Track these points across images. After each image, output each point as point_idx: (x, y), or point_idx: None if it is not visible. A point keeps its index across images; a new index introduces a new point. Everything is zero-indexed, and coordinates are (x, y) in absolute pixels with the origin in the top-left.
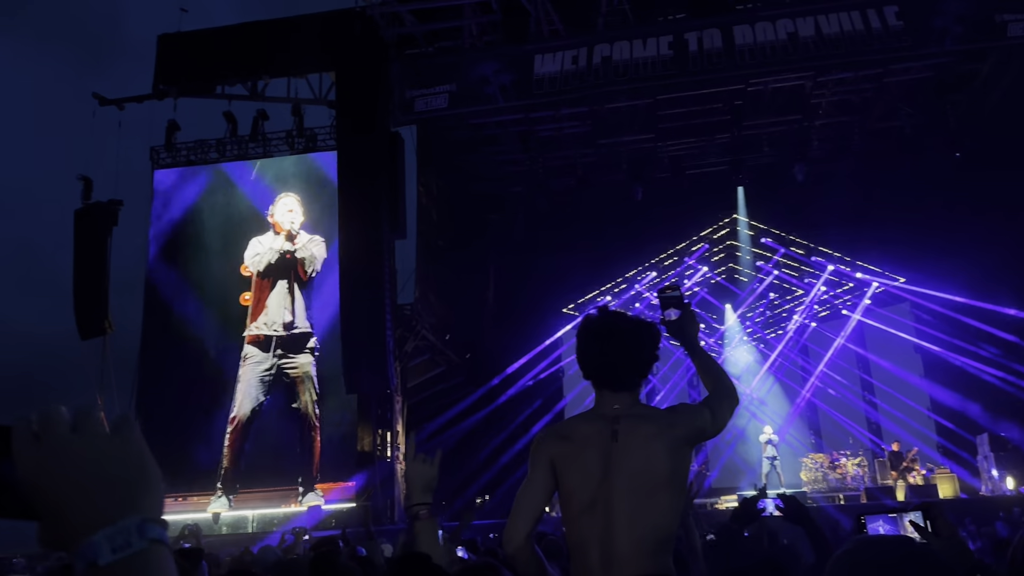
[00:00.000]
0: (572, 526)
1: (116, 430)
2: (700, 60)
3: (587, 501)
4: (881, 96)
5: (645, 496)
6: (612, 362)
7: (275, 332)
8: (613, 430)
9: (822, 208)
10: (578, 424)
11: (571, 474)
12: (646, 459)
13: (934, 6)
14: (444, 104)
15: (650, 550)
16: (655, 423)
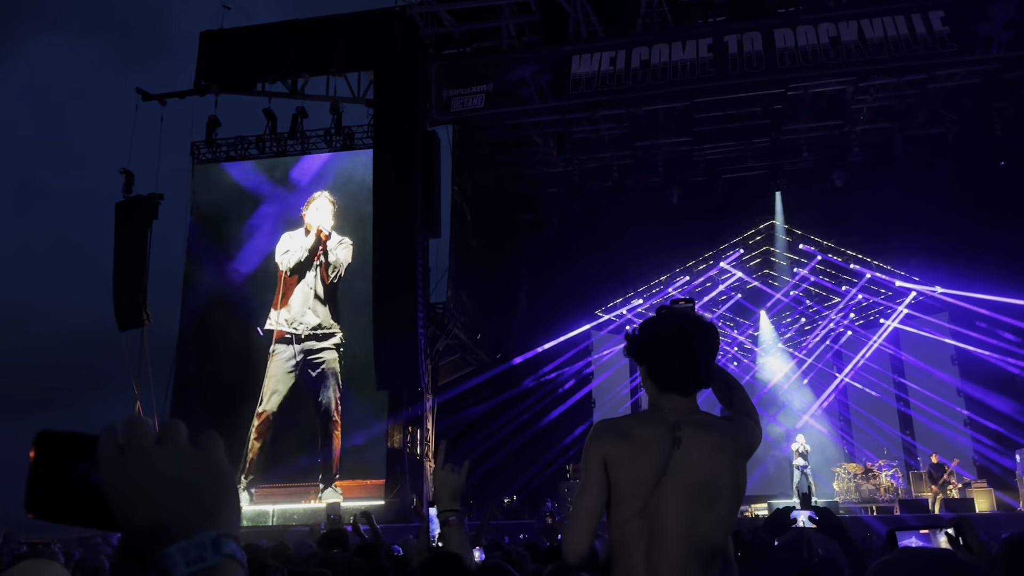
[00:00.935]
0: (618, 531)
1: (199, 445)
2: (739, 63)
3: (638, 507)
4: (924, 102)
5: (703, 508)
6: (695, 364)
7: (297, 330)
8: (676, 436)
9: (861, 215)
10: (637, 425)
11: (625, 477)
12: (710, 470)
13: (981, 12)
14: (481, 104)
15: (701, 562)
16: (720, 433)
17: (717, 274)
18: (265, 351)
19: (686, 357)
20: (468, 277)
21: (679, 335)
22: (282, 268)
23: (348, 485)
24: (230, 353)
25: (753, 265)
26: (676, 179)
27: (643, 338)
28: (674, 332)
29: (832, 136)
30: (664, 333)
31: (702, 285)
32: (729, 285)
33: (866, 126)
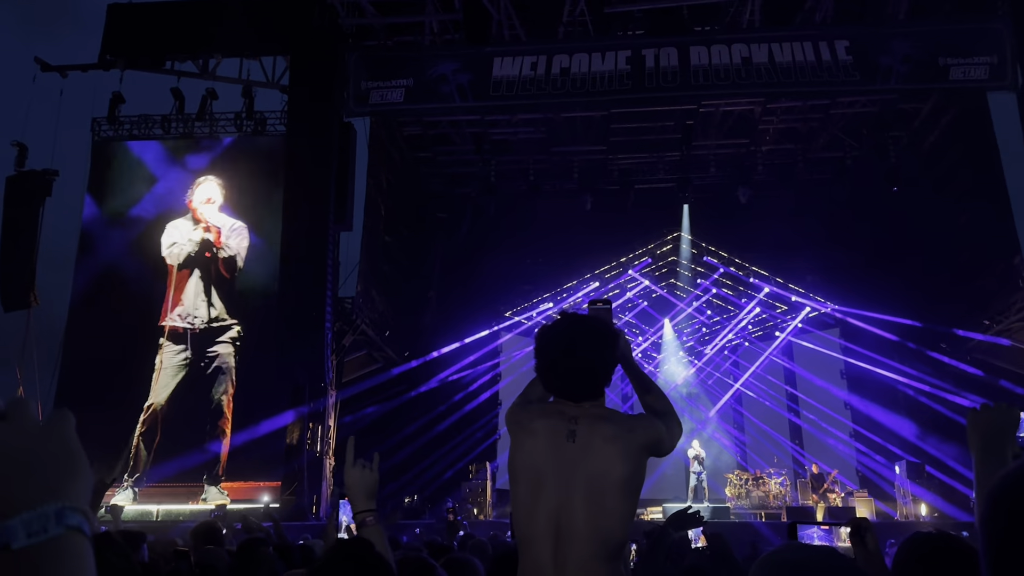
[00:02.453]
0: (521, 525)
1: (48, 422)
2: (656, 78)
3: (538, 500)
4: (826, 127)
5: (600, 500)
6: (573, 378)
7: (191, 324)
8: (571, 430)
9: (763, 231)
10: (537, 417)
11: (522, 471)
12: (603, 462)
13: (882, 45)
14: (400, 99)
15: (604, 555)
16: (615, 425)
17: (626, 281)
18: (157, 341)
19: (558, 372)
20: (379, 273)
21: (548, 347)
22: (170, 262)
23: (239, 487)
24: (122, 341)
25: (660, 274)
26: (590, 186)
27: (536, 345)
28: (545, 345)
29: (739, 154)
30: (539, 345)
31: (611, 291)
32: (637, 292)
33: (771, 146)
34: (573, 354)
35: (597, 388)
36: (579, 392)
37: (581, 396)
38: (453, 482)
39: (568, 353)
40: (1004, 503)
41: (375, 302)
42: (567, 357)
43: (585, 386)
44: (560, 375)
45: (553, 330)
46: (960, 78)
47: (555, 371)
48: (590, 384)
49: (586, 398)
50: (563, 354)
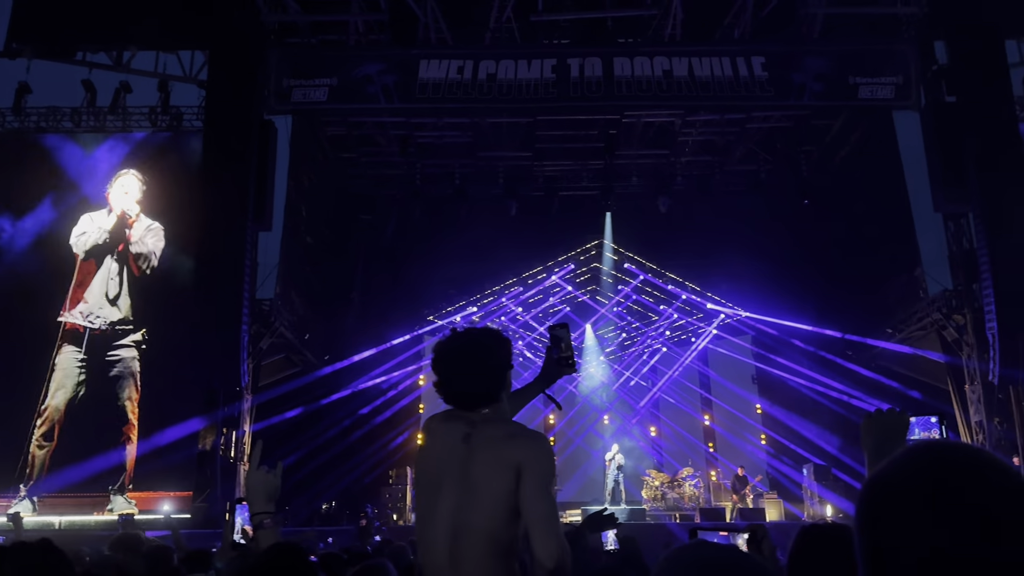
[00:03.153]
0: (421, 526)
1: None
2: (580, 87)
3: (436, 500)
4: (742, 140)
5: (489, 500)
6: (462, 389)
7: (92, 324)
8: (467, 433)
9: (681, 240)
10: (441, 422)
11: (423, 472)
12: (488, 464)
13: (796, 62)
14: (323, 98)
15: (497, 552)
16: (500, 429)
17: (549, 286)
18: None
19: (449, 383)
20: (299, 274)
21: (439, 363)
22: (76, 251)
23: (147, 496)
24: (19, 340)
25: (582, 280)
26: (516, 192)
27: (432, 360)
28: (436, 360)
29: (659, 164)
30: (432, 361)
31: (534, 296)
32: (560, 298)
33: (690, 158)
34: (464, 367)
35: (488, 396)
36: (472, 401)
37: (475, 405)
38: (373, 488)
39: (460, 366)
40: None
41: (294, 304)
42: (460, 370)
43: (476, 396)
44: (454, 387)
45: (445, 345)
46: (868, 97)
47: (449, 384)
48: (480, 394)
49: (480, 405)
50: (456, 367)
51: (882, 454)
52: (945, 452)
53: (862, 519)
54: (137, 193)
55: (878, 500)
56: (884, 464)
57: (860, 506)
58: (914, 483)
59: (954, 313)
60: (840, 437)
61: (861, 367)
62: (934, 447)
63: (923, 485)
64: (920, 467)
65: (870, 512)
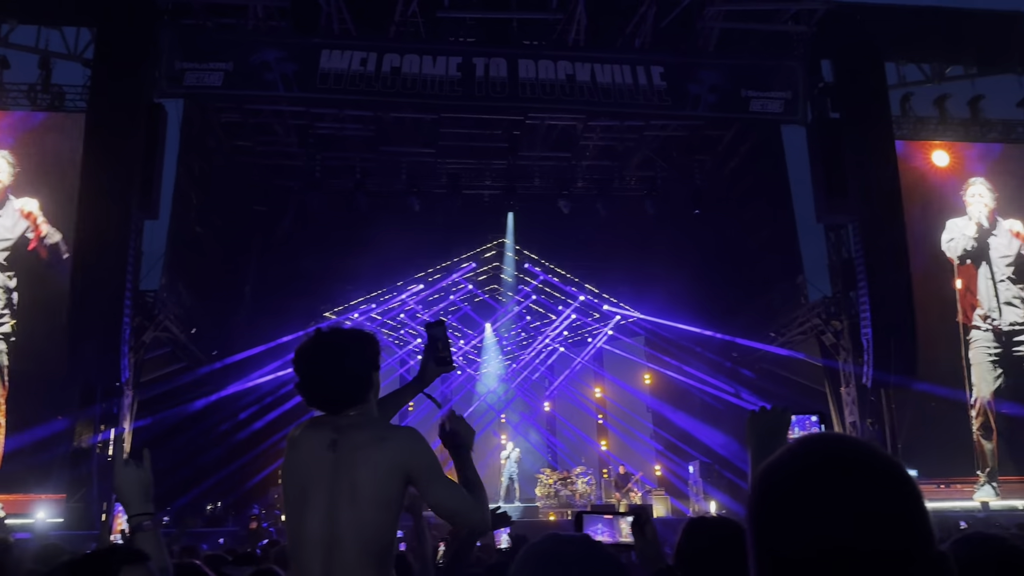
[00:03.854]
0: (291, 536)
1: None
2: (485, 86)
3: (305, 512)
4: (640, 147)
5: (360, 508)
6: (326, 390)
7: None
8: (333, 440)
9: (580, 242)
10: (304, 430)
11: (290, 484)
12: (358, 471)
13: (693, 74)
14: (218, 83)
15: (370, 562)
16: (368, 433)
17: (450, 285)
18: None
19: (311, 386)
20: (187, 266)
21: (300, 365)
22: None
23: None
24: None
25: (483, 279)
26: (418, 188)
27: (293, 361)
28: (297, 363)
29: (561, 167)
30: (293, 363)
31: (435, 294)
32: (460, 296)
33: (591, 161)
34: (327, 369)
35: (351, 397)
36: (336, 404)
37: (338, 406)
38: (261, 487)
39: (320, 367)
40: (764, 483)
41: (181, 296)
42: (319, 371)
43: (338, 397)
44: (315, 389)
45: (306, 347)
46: (759, 110)
47: (312, 386)
48: (343, 395)
49: (344, 407)
50: (316, 368)
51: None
52: (832, 445)
53: (753, 509)
54: (5, 177)
55: (768, 490)
56: (776, 455)
57: (751, 496)
58: (802, 474)
59: (832, 319)
60: (725, 435)
61: (746, 369)
62: (823, 440)
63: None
64: (809, 458)
65: (760, 502)
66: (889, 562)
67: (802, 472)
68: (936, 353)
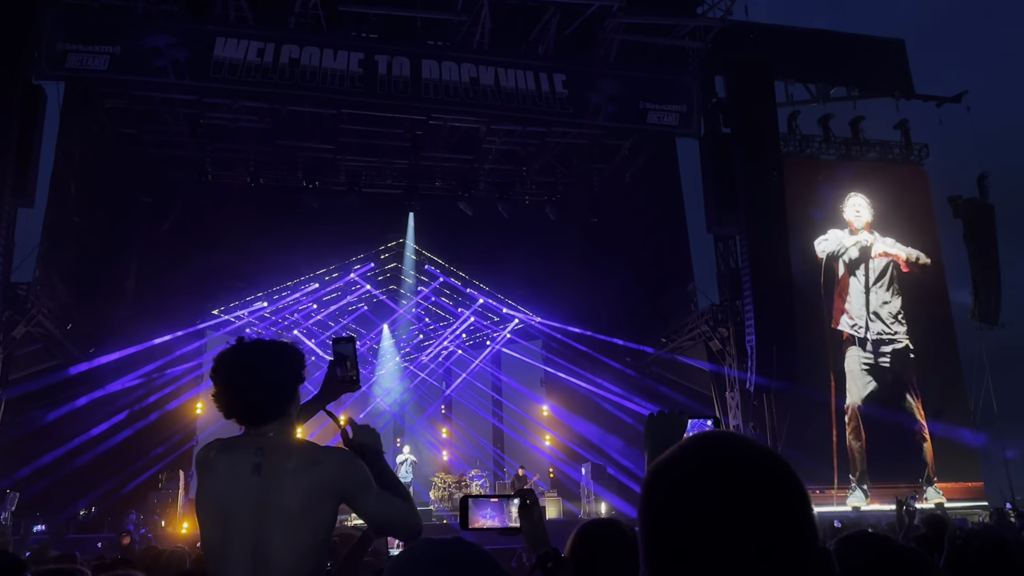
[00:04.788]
0: (213, 565)
1: None
2: (387, 85)
3: (229, 538)
4: (541, 152)
5: (289, 534)
6: (249, 400)
7: None
8: (256, 463)
9: (481, 245)
10: (222, 451)
11: (208, 511)
12: (286, 496)
13: (593, 83)
14: (103, 67)
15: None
16: (300, 457)
17: (347, 284)
18: None
19: (233, 397)
20: (63, 258)
21: (221, 376)
22: None
23: None
24: None
25: (382, 279)
26: (316, 184)
27: (212, 371)
28: (218, 374)
29: (464, 169)
30: (213, 375)
31: (331, 294)
32: (358, 296)
33: (493, 165)
34: (248, 377)
35: (273, 410)
36: (256, 415)
37: (258, 419)
38: (140, 492)
39: (242, 376)
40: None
41: (56, 290)
42: (241, 380)
43: (260, 409)
44: (235, 399)
45: (227, 355)
46: (656, 122)
47: (229, 396)
48: (265, 406)
49: (264, 420)
50: (237, 377)
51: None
52: (722, 442)
53: (645, 506)
54: None
55: (660, 487)
56: (668, 452)
57: (643, 494)
58: (693, 472)
59: (719, 326)
60: (617, 438)
61: (638, 373)
62: (713, 437)
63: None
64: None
65: (652, 499)
66: (777, 557)
67: (693, 470)
68: (814, 360)
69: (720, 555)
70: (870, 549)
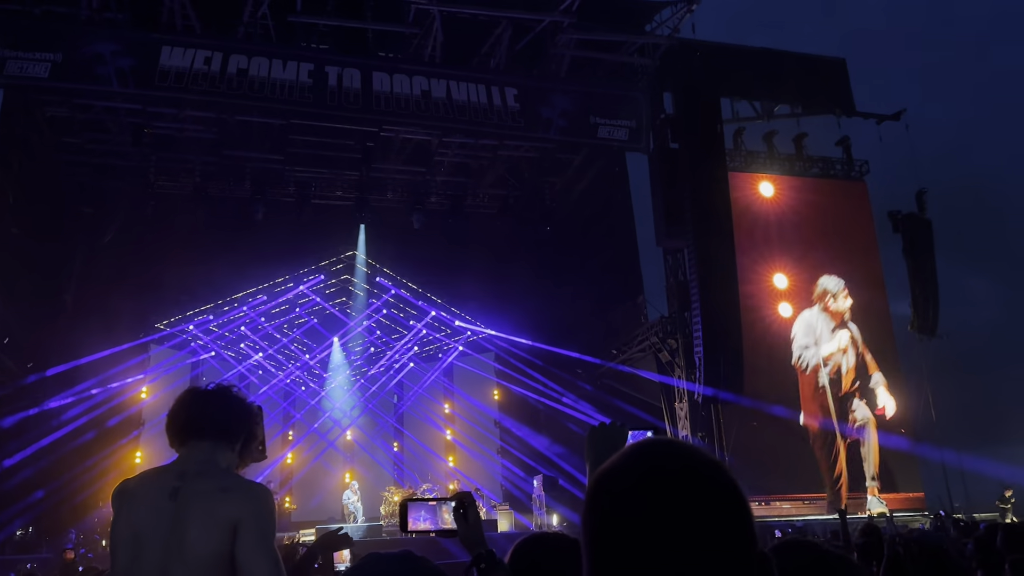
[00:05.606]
0: None
1: None
2: (338, 96)
3: (139, 567)
4: (494, 165)
5: (196, 566)
6: (191, 413)
7: None
8: (175, 488)
9: (433, 257)
10: (141, 481)
11: (119, 540)
12: (194, 521)
13: (545, 98)
14: (44, 74)
15: None
16: (214, 481)
17: (296, 297)
18: None
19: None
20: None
21: (181, 401)
22: None
23: None
24: None
25: (332, 292)
26: (264, 195)
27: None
28: (199, 393)
29: (416, 181)
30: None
31: (280, 306)
32: (307, 309)
33: (445, 177)
34: (212, 403)
35: (222, 426)
36: (195, 427)
37: (198, 431)
38: (80, 510)
39: (205, 394)
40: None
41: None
42: (204, 396)
43: (200, 421)
44: (180, 413)
45: (197, 389)
46: (606, 136)
47: (174, 414)
48: (206, 420)
49: (204, 434)
50: (200, 395)
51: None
52: (662, 451)
53: (586, 515)
54: None
55: (602, 497)
56: (610, 461)
57: (586, 503)
58: (635, 481)
59: (668, 337)
60: (568, 449)
61: (589, 384)
62: (654, 445)
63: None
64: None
65: (594, 508)
66: (717, 562)
67: (635, 483)
68: (760, 371)
69: (664, 566)
70: (799, 554)
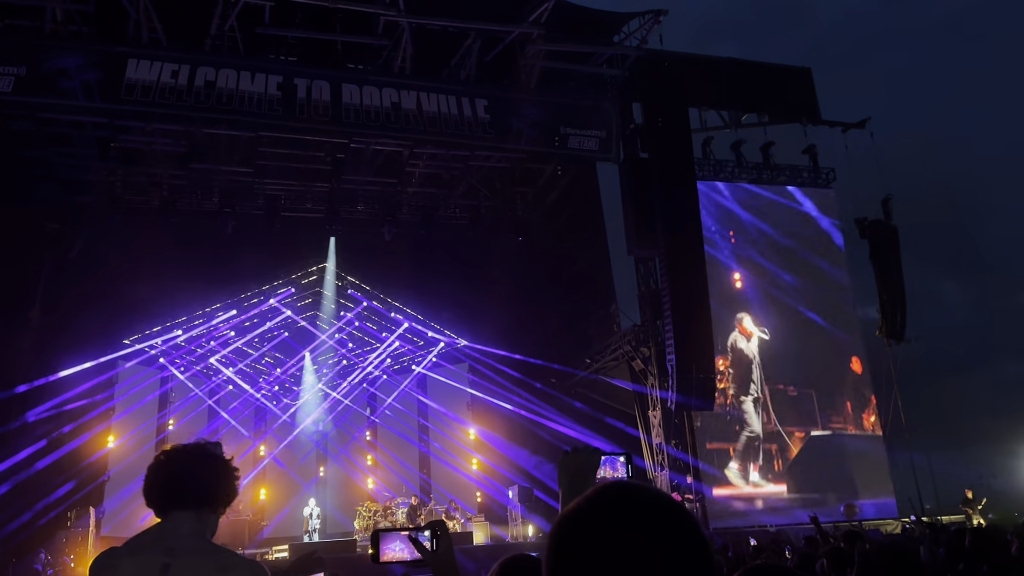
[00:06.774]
0: None
1: None
2: (307, 108)
3: None
4: (465, 176)
5: None
6: (172, 480)
7: None
8: (165, 563)
9: (405, 268)
10: (128, 552)
11: None
12: None
13: (515, 108)
14: (7, 88)
15: None
16: (211, 560)
17: (266, 310)
18: None
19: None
20: None
21: (159, 464)
22: None
23: None
24: None
25: (303, 305)
26: (233, 208)
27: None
28: (157, 463)
29: (387, 192)
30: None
31: (250, 320)
32: (278, 323)
33: (416, 188)
34: (195, 464)
35: (208, 492)
36: (178, 494)
37: (181, 498)
38: (47, 530)
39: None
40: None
41: None
42: (190, 460)
43: (184, 487)
44: (160, 475)
45: (178, 447)
46: (576, 147)
47: (153, 474)
48: (189, 486)
49: (187, 503)
50: (186, 457)
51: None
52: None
53: (551, 550)
54: None
55: (565, 534)
56: (573, 506)
57: (551, 538)
58: (592, 521)
59: (641, 346)
60: (543, 459)
61: (563, 394)
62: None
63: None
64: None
65: (558, 544)
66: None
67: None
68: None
69: None
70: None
